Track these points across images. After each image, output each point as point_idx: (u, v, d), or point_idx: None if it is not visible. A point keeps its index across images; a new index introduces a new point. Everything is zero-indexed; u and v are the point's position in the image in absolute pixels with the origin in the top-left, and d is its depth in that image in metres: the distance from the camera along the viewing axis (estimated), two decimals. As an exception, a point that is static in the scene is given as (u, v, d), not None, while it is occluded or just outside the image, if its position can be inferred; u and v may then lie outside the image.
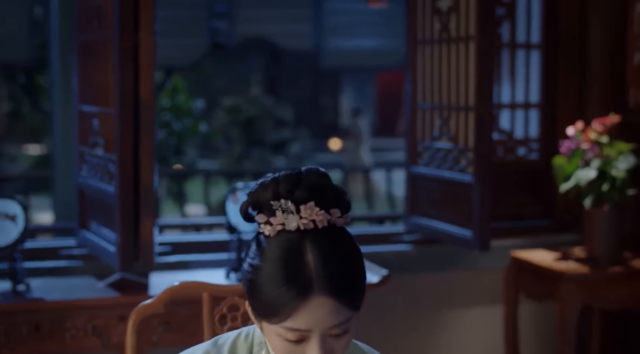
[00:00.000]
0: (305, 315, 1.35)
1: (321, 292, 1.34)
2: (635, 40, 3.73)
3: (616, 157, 3.33)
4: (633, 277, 3.33)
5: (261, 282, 1.36)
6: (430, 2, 3.50)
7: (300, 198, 1.37)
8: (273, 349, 1.42)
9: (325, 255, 1.35)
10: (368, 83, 12.99)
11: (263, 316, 1.38)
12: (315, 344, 1.37)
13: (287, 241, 1.36)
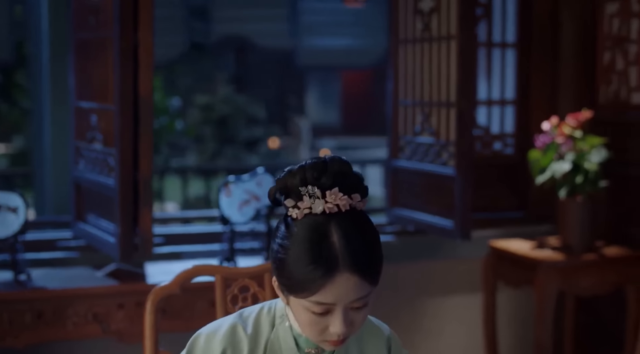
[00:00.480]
0: (331, 290, 1.48)
1: (346, 269, 1.48)
2: (605, 40, 3.91)
3: (589, 150, 3.50)
4: (605, 265, 3.51)
5: (290, 261, 1.50)
6: (412, 3, 3.65)
7: (325, 184, 1.51)
8: (298, 321, 1.56)
9: (349, 236, 1.49)
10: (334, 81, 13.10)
11: (291, 291, 1.52)
12: (339, 316, 1.51)
13: (313, 223, 1.50)
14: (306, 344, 1.63)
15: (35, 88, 3.87)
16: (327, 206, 1.50)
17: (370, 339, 1.71)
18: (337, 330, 1.52)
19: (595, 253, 3.52)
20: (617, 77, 3.85)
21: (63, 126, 3.69)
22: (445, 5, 3.45)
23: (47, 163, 3.84)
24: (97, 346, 3.34)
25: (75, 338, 3.07)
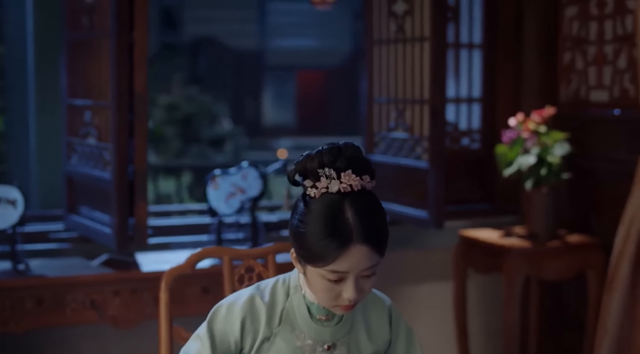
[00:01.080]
0: (345, 260, 1.68)
1: (359, 241, 1.67)
2: (565, 41, 4.16)
3: (552, 144, 3.74)
4: (568, 251, 3.75)
5: (309, 234, 1.69)
6: (387, 6, 3.86)
7: (340, 166, 1.70)
8: (314, 288, 1.74)
9: (361, 212, 1.69)
10: (289, 81, 13.28)
11: (309, 261, 1.71)
12: (351, 283, 1.70)
13: (329, 201, 1.69)
14: (317, 311, 1.81)
15: (18, 88, 3.98)
16: (342, 186, 1.69)
17: (373, 308, 1.90)
18: (349, 296, 1.71)
19: (559, 240, 3.76)
20: (577, 76, 4.10)
21: (48, 123, 3.83)
22: (418, 8, 3.67)
23: (32, 160, 3.97)
24: (93, 331, 3.50)
25: (73, 324, 3.22)
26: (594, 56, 4.00)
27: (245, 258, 2.26)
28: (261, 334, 1.81)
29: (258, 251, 2.27)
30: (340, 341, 1.84)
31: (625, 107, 3.87)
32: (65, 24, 3.50)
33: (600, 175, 3.93)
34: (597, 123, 3.99)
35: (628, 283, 3.55)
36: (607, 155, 3.90)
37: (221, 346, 1.80)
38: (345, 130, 13.00)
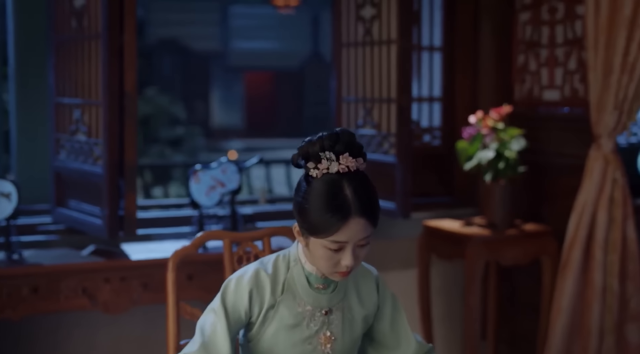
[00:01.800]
0: (345, 231, 1.92)
1: (357, 215, 1.91)
2: (519, 44, 4.46)
3: (509, 140, 4.03)
4: (524, 239, 4.04)
5: (313, 209, 1.92)
6: (354, 11, 4.12)
7: (339, 150, 1.94)
8: (315, 257, 1.97)
9: (358, 189, 1.93)
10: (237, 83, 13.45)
11: (313, 233, 1.94)
12: (349, 252, 1.94)
13: (330, 180, 1.92)
14: (315, 280, 2.05)
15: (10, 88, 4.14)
16: (341, 167, 1.93)
17: (362, 278, 2.15)
18: (347, 263, 1.95)
19: (516, 229, 4.05)
20: (530, 77, 4.41)
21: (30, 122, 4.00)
22: (385, 13, 3.93)
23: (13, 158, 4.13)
24: (85, 317, 3.69)
25: (66, 310, 3.40)
26: (546, 58, 4.30)
27: (244, 241, 2.49)
28: (267, 303, 2.04)
29: (255, 234, 2.50)
30: (335, 307, 2.08)
31: (575, 106, 4.18)
32: (53, 26, 3.68)
33: (553, 169, 4.23)
34: (549, 120, 4.29)
35: (579, 267, 3.85)
36: (559, 150, 4.21)
37: (233, 316, 2.02)
38: (293, 132, 13.25)
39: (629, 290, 3.86)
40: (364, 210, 1.92)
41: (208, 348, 1.99)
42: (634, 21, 3.63)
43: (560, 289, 3.87)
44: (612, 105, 3.75)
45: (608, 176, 3.82)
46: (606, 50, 3.74)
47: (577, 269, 3.85)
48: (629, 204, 3.85)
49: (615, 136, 3.83)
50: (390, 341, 2.17)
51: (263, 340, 2.06)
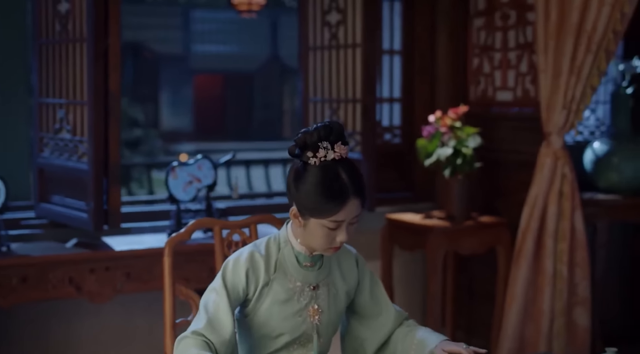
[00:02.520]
0: (344, 212, 2.15)
1: (353, 196, 2.15)
2: (473, 48, 4.75)
3: (466, 138, 4.30)
4: (480, 230, 4.32)
5: (314, 195, 2.14)
6: (321, 16, 4.36)
7: (333, 140, 2.18)
8: (313, 236, 2.18)
9: (351, 174, 2.17)
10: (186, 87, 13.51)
11: (314, 215, 2.16)
12: (344, 229, 2.18)
13: (327, 167, 2.15)
14: (304, 259, 2.29)
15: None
16: (336, 154, 2.17)
17: (344, 257, 2.40)
18: (342, 239, 2.19)
19: (473, 220, 4.34)
20: (484, 79, 4.70)
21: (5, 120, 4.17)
22: (350, 18, 4.19)
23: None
24: (72, 305, 3.88)
25: (54, 298, 3.59)
26: (499, 61, 4.60)
27: (233, 228, 2.72)
28: (262, 281, 2.28)
29: (243, 221, 2.73)
30: (321, 283, 2.32)
31: (526, 106, 4.48)
32: (36, 30, 3.86)
33: (506, 164, 4.53)
34: (502, 119, 4.59)
35: (532, 255, 4.15)
36: (511, 147, 4.51)
37: (233, 294, 2.25)
38: (242, 136, 13.43)
39: (577, 276, 4.16)
40: (358, 191, 2.17)
41: (213, 323, 2.20)
42: (581, 27, 3.94)
43: (514, 276, 4.16)
44: (561, 105, 4.05)
45: (558, 171, 4.12)
46: (555, 54, 4.04)
47: (530, 257, 4.14)
48: (577, 197, 4.16)
49: (564, 134, 4.13)
50: (371, 311, 2.42)
51: (259, 314, 2.29)
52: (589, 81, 3.99)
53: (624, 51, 4.86)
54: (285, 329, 2.29)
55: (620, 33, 3.93)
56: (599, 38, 3.90)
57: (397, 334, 2.41)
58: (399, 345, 2.38)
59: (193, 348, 2.15)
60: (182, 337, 2.21)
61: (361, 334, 2.43)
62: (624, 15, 3.88)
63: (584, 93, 4.02)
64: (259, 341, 2.32)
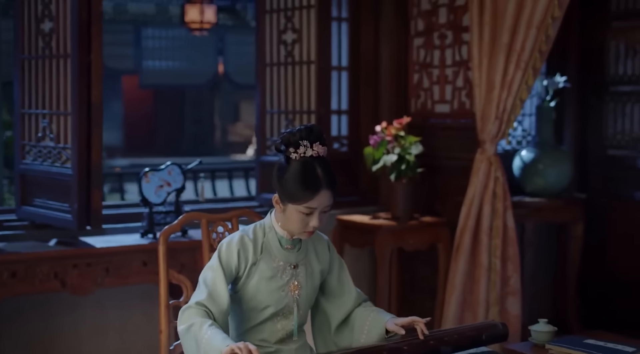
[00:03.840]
0: (317, 199, 2.57)
1: (325, 187, 2.57)
2: (414, 65, 5.23)
3: (409, 146, 4.76)
4: (423, 228, 4.79)
5: (293, 184, 2.55)
6: (277, 36, 4.79)
7: (313, 140, 2.59)
8: (290, 220, 2.59)
9: (326, 169, 2.58)
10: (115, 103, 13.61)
11: (292, 201, 2.57)
12: (317, 216, 2.59)
13: (305, 162, 2.57)
14: (286, 243, 2.70)
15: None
16: (314, 152, 2.59)
17: (318, 241, 2.82)
18: (315, 224, 2.60)
19: (416, 220, 4.80)
20: (424, 93, 5.18)
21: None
22: (305, 37, 4.62)
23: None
24: (56, 297, 4.21)
25: (40, 292, 3.92)
26: (437, 77, 5.08)
27: (217, 220, 3.11)
28: (250, 260, 2.68)
29: (226, 215, 3.13)
30: (300, 262, 2.73)
31: (462, 117, 4.97)
32: (18, 46, 4.19)
33: (445, 170, 5.01)
34: (441, 129, 5.07)
35: (469, 250, 4.62)
36: (449, 154, 4.99)
37: (227, 271, 2.64)
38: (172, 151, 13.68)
39: (509, 269, 4.65)
40: (330, 184, 2.59)
41: (213, 295, 2.59)
42: (511, 47, 4.44)
43: (454, 269, 4.63)
44: (494, 116, 4.55)
45: (491, 175, 4.61)
46: (488, 71, 4.54)
47: (467, 252, 4.62)
48: (508, 198, 4.66)
49: (496, 142, 4.63)
50: (337, 291, 2.84)
51: (248, 289, 2.69)
52: (518, 95, 4.49)
53: (547, 68, 5.41)
54: (270, 302, 2.69)
55: (545, 52, 4.45)
56: (527, 57, 4.41)
57: (356, 312, 2.82)
58: (357, 321, 2.79)
59: (197, 316, 2.54)
60: (187, 307, 2.59)
61: (327, 310, 2.84)
62: (549, 37, 4.40)
63: (514, 105, 4.52)
64: (248, 313, 2.71)
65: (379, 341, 2.67)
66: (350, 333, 2.78)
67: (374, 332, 2.70)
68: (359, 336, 2.74)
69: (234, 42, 10.41)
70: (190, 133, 15.91)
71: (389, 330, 2.69)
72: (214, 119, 16.03)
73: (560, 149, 5.40)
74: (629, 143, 5.46)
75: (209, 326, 2.50)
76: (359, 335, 2.74)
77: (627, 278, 5.37)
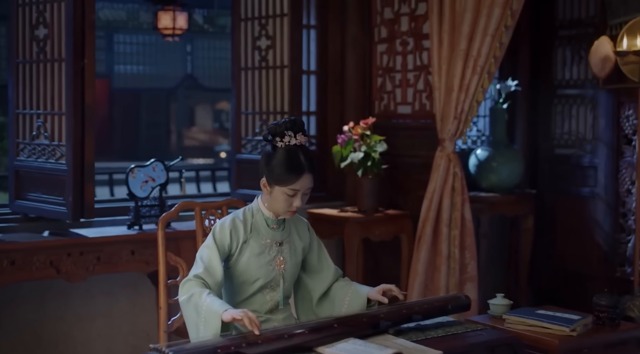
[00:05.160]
0: (299, 182, 2.94)
1: (307, 171, 2.94)
2: (377, 70, 5.63)
3: (374, 144, 5.15)
4: (387, 221, 5.18)
5: (279, 168, 2.92)
6: (252, 42, 5.14)
7: (296, 130, 2.96)
8: (276, 201, 2.96)
9: (307, 156, 2.95)
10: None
11: (277, 183, 2.93)
12: (299, 196, 2.96)
13: (290, 149, 2.93)
14: (271, 223, 3.07)
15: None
16: (297, 141, 2.96)
17: (298, 223, 3.19)
18: (297, 204, 2.97)
19: (381, 213, 5.19)
20: (387, 95, 5.58)
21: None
22: (279, 44, 4.99)
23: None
24: (52, 284, 4.51)
25: (37, 279, 4.22)
26: (400, 81, 5.48)
27: (209, 208, 3.47)
28: (241, 239, 3.04)
29: (217, 203, 3.48)
30: (285, 240, 3.10)
31: (423, 117, 5.37)
32: (13, 51, 4.50)
33: (407, 167, 5.40)
34: (403, 129, 5.47)
35: (430, 240, 5.02)
36: (411, 152, 5.39)
37: (221, 248, 3.00)
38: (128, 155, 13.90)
39: (466, 257, 5.06)
40: (311, 169, 2.97)
41: (209, 269, 2.95)
42: (468, 53, 4.86)
43: (416, 257, 5.02)
44: (452, 116, 4.96)
45: (450, 171, 5.02)
46: (447, 75, 4.95)
47: (429, 242, 5.01)
48: (466, 192, 5.07)
49: (455, 140, 5.03)
50: (317, 267, 3.21)
51: (240, 265, 3.04)
52: (475, 97, 4.91)
53: (499, 73, 5.84)
54: (260, 275, 3.05)
55: (499, 58, 4.87)
56: (483, 62, 4.82)
57: (335, 286, 3.19)
58: (338, 294, 3.16)
59: (196, 287, 2.89)
60: (186, 280, 2.94)
61: (309, 285, 3.21)
62: (502, 44, 4.83)
63: (471, 106, 4.93)
64: (240, 287, 3.07)
65: (360, 311, 3.03)
66: (331, 305, 3.15)
67: (356, 303, 3.07)
68: (340, 307, 3.11)
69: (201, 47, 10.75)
70: (146, 137, 16.14)
71: (370, 299, 3.06)
72: (169, 124, 16.30)
73: (512, 148, 5.84)
74: (575, 143, 5.91)
75: (207, 295, 2.85)
76: (340, 307, 3.11)
77: (573, 268, 5.82)
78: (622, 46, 4.80)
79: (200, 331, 2.84)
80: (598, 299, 3.41)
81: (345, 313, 3.07)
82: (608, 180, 5.59)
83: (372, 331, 2.88)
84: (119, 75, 10.10)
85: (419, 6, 5.33)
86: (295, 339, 2.71)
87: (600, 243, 5.65)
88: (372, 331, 2.88)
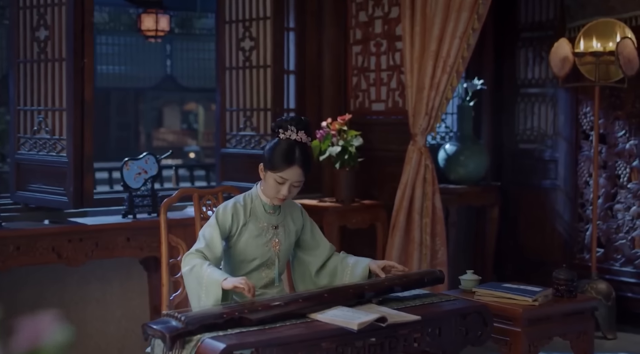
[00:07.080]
0: (288, 172, 3.27)
1: (298, 165, 3.28)
2: (352, 69, 5.99)
3: (351, 139, 5.52)
4: (363, 210, 5.54)
5: (274, 155, 3.27)
6: (236, 43, 5.49)
7: (299, 127, 3.31)
8: (268, 186, 3.31)
9: (303, 152, 3.30)
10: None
11: (270, 169, 3.28)
12: (287, 186, 3.31)
13: (290, 143, 3.28)
14: (268, 208, 3.41)
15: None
16: (297, 137, 3.31)
17: (293, 207, 3.54)
18: (284, 193, 3.31)
19: (357, 203, 5.55)
20: (362, 93, 5.94)
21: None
22: (262, 45, 5.33)
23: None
24: (54, 268, 4.81)
25: (41, 263, 4.52)
26: (374, 79, 5.85)
27: (207, 194, 3.80)
28: (241, 222, 3.38)
29: (214, 190, 3.83)
30: (280, 224, 3.45)
31: (396, 114, 5.74)
32: (14, 51, 4.80)
33: (381, 160, 5.77)
34: (378, 125, 5.84)
35: (404, 228, 5.39)
36: (385, 146, 5.76)
37: (222, 228, 3.34)
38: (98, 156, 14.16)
39: (437, 244, 5.44)
40: (303, 163, 3.31)
41: (210, 245, 3.29)
42: (438, 54, 5.24)
43: (390, 244, 5.39)
44: (424, 112, 5.33)
45: (422, 163, 5.40)
46: (419, 74, 5.32)
47: (402, 230, 5.39)
48: (436, 183, 5.45)
49: (426, 135, 5.41)
50: (312, 244, 3.56)
51: (239, 245, 3.38)
52: (444, 94, 5.29)
53: (466, 73, 6.23)
54: (257, 255, 3.40)
55: (467, 59, 5.26)
56: (452, 62, 5.21)
57: (332, 259, 3.54)
58: (339, 266, 3.50)
59: (197, 259, 3.23)
60: (188, 253, 3.27)
61: (306, 259, 3.56)
62: (469, 45, 5.22)
63: (441, 103, 5.31)
64: (238, 265, 3.41)
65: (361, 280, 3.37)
66: (331, 277, 3.48)
67: (358, 273, 3.42)
68: (341, 277, 3.46)
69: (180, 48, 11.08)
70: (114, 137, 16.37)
71: (371, 270, 3.41)
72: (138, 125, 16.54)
73: (478, 143, 6.24)
74: (537, 138, 6.33)
75: (208, 265, 3.19)
76: (341, 276, 3.46)
77: (535, 255, 6.23)
78: (580, 48, 5.21)
79: (201, 299, 3.17)
80: (557, 273, 3.80)
81: (349, 281, 3.40)
82: (567, 172, 6.01)
83: (357, 300, 3.23)
84: (101, 74, 10.42)
85: (392, 10, 5.70)
86: (291, 306, 3.06)
87: (560, 231, 6.06)
88: (358, 300, 3.23)
